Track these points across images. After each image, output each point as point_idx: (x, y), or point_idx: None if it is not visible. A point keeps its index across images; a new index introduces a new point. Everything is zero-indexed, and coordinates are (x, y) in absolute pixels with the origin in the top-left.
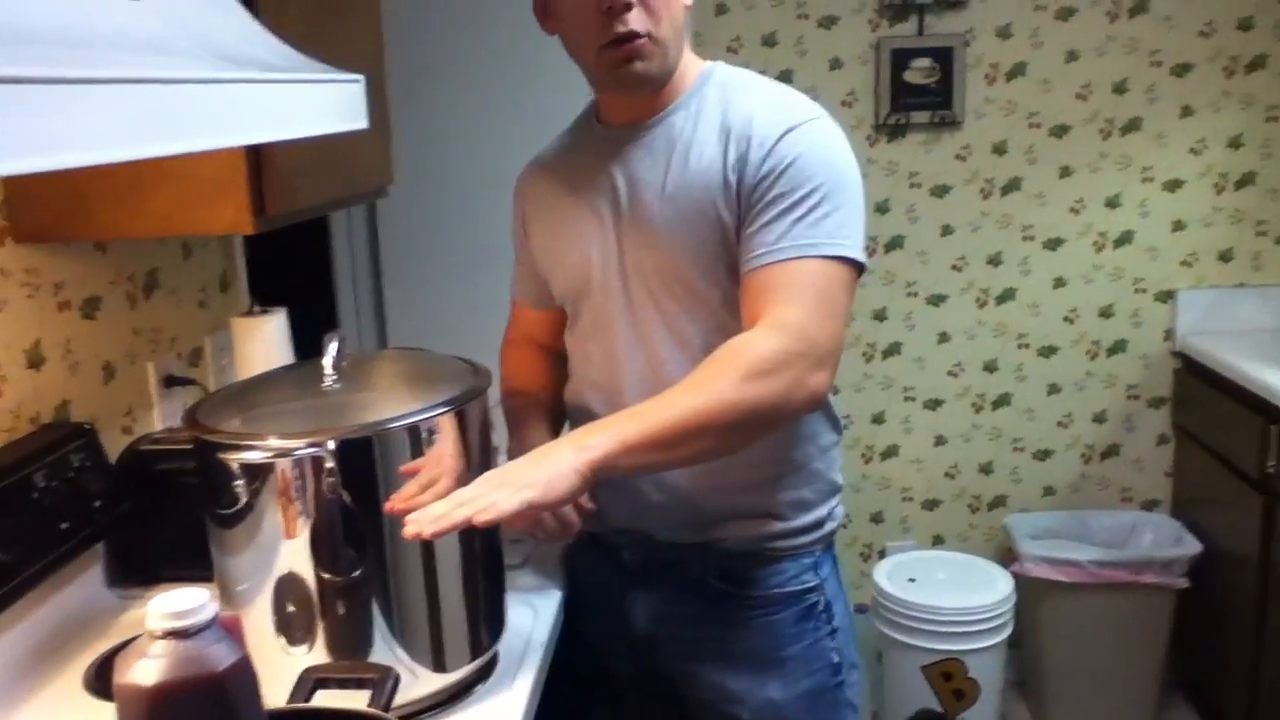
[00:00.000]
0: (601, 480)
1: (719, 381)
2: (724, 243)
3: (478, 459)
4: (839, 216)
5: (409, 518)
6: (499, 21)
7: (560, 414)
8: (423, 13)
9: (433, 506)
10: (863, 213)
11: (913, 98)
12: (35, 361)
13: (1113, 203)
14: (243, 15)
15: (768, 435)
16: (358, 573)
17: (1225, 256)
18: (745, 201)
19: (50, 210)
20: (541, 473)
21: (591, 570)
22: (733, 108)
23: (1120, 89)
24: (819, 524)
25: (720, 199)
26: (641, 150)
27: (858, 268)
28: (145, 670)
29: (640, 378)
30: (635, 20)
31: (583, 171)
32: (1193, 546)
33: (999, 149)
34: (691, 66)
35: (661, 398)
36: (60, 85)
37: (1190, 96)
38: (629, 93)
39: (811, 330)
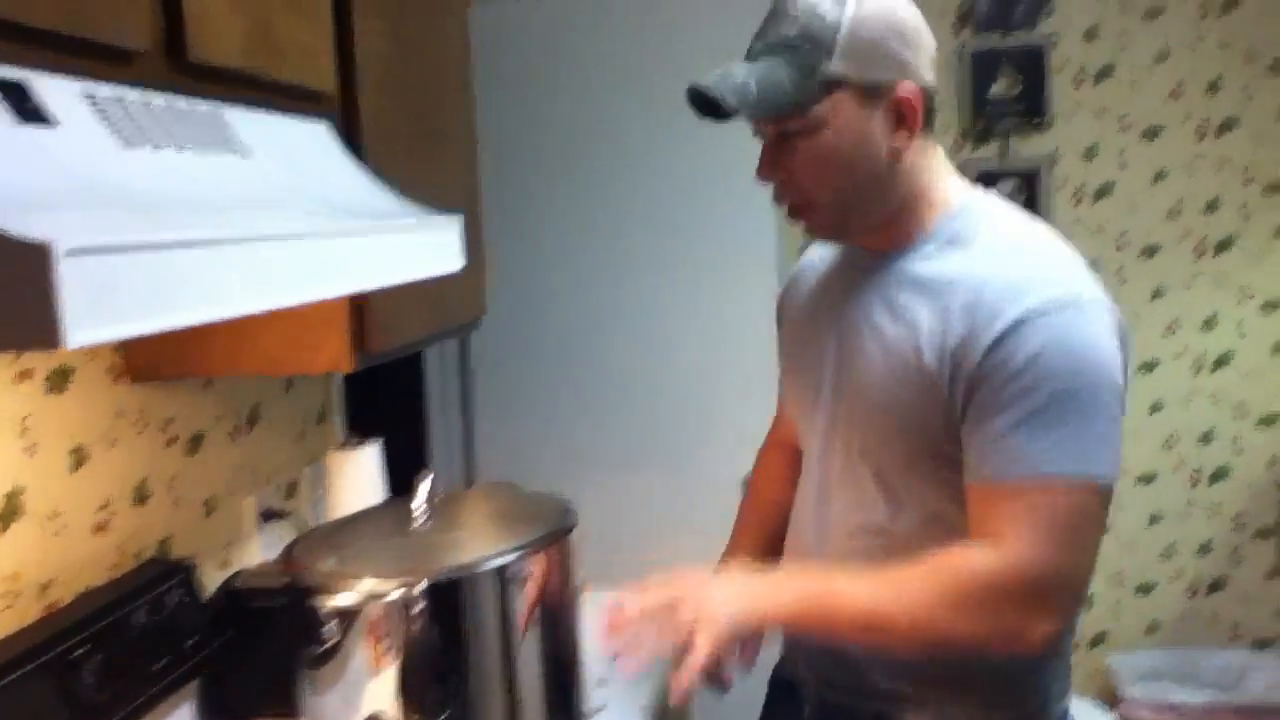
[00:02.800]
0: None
1: (919, 599)
2: (941, 420)
3: (562, 597)
4: (1089, 428)
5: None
6: (591, 156)
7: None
8: (518, 145)
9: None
10: (1120, 422)
11: None
12: (142, 498)
13: (1209, 324)
14: (348, 164)
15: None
16: (444, 714)
17: None
18: (970, 389)
19: (163, 352)
20: (726, 606)
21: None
22: (981, 260)
23: (1212, 207)
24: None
25: (941, 374)
26: (877, 287)
27: (1109, 489)
28: None
29: (825, 522)
30: (786, 196)
31: (828, 290)
32: None
33: None
34: (944, 195)
35: (860, 583)
36: (178, 249)
37: None
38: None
39: (1041, 568)
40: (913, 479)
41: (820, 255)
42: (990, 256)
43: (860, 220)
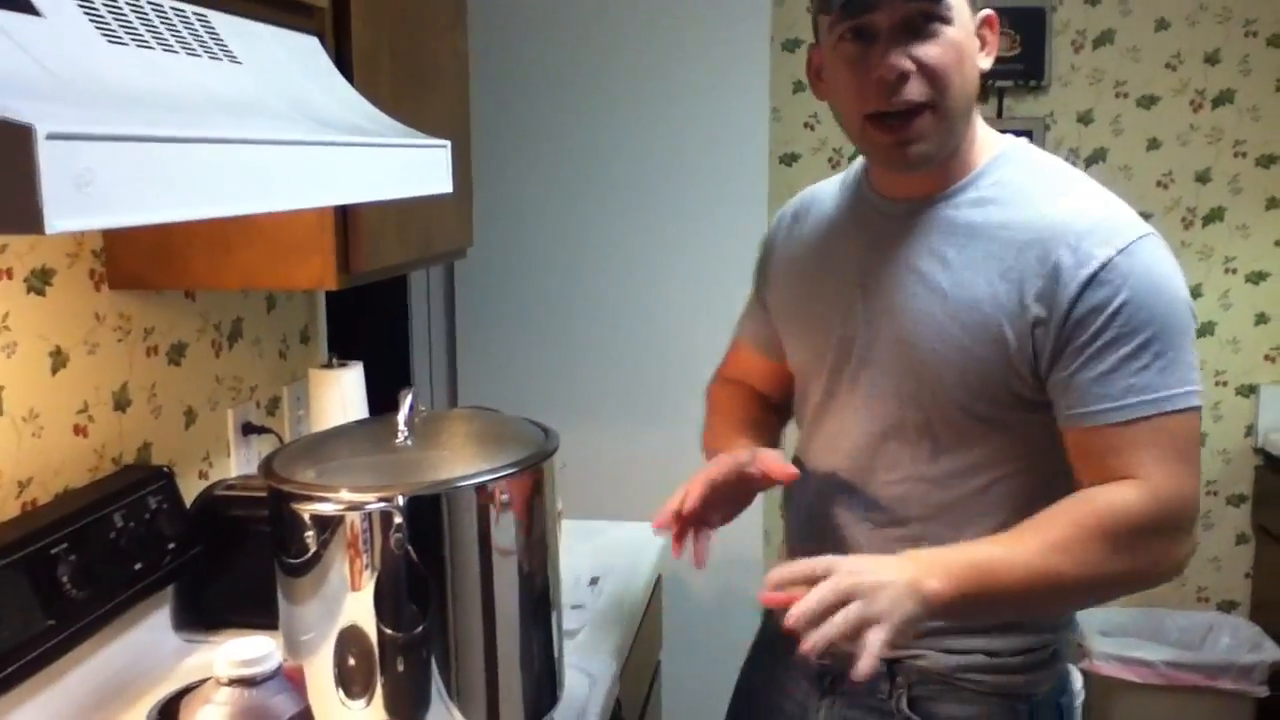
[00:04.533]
0: None
1: (1088, 551)
2: (1006, 365)
3: (542, 520)
4: (1184, 358)
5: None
6: (583, 92)
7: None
8: (509, 81)
9: (829, 621)
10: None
11: None
12: (121, 404)
13: (1194, 292)
14: (337, 80)
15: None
16: (418, 630)
17: None
18: (1060, 335)
19: (145, 259)
20: (899, 605)
21: (777, 666)
22: (1040, 206)
23: (1203, 179)
24: (1031, 651)
25: (1010, 319)
26: (916, 235)
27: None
28: (210, 716)
29: (854, 474)
30: (913, 90)
31: (843, 240)
32: (1273, 653)
33: None
34: (984, 140)
35: (1015, 550)
36: (163, 144)
37: (1275, 189)
38: (900, 174)
39: (1184, 497)
40: (966, 426)
41: (820, 200)
42: (1056, 193)
43: (954, 141)
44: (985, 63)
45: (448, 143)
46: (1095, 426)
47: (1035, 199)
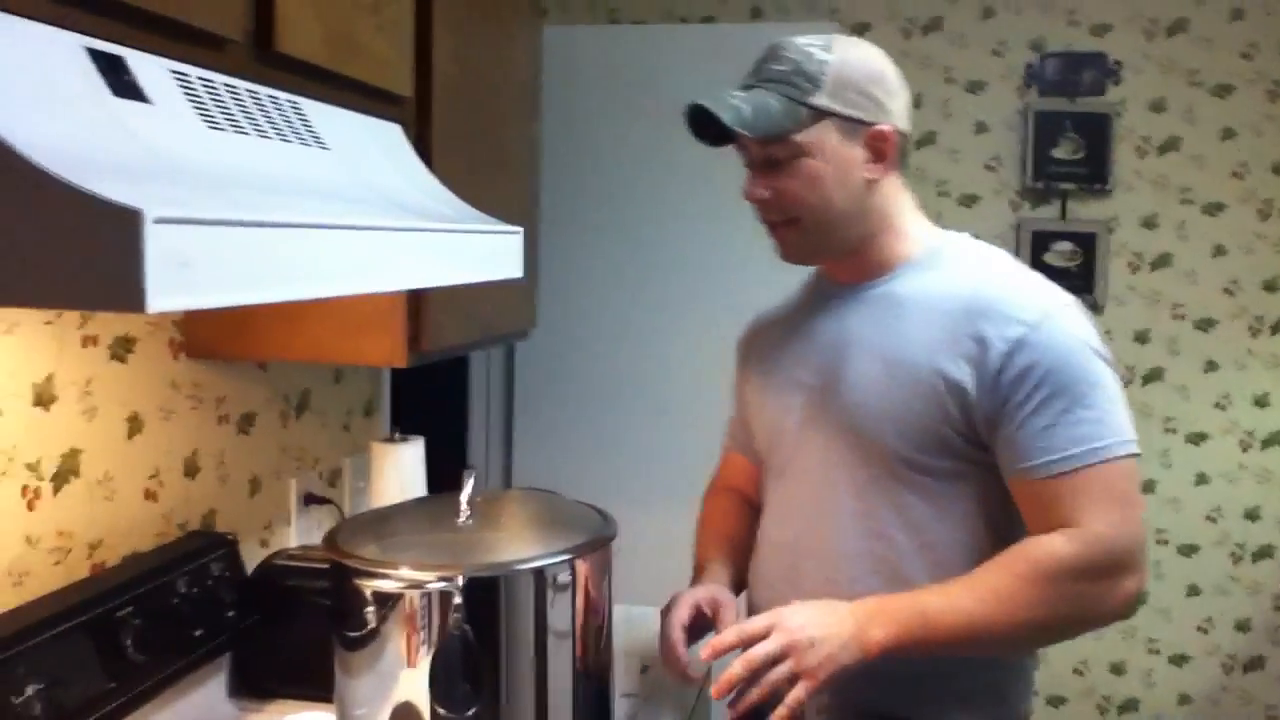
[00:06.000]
0: None
1: (1021, 598)
2: (944, 419)
3: (598, 605)
4: (1115, 409)
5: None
6: (648, 180)
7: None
8: (576, 168)
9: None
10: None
11: (1054, 280)
12: (191, 470)
13: (1261, 401)
14: (417, 166)
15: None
16: (472, 711)
17: None
18: (994, 396)
19: (221, 330)
20: (830, 661)
21: None
22: (975, 282)
23: (1270, 287)
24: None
25: (941, 375)
26: (861, 308)
27: (1137, 451)
28: None
29: (813, 538)
30: (771, 213)
31: (801, 325)
32: None
33: (1141, 338)
34: (920, 233)
35: (953, 597)
36: (257, 229)
37: None
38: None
39: (1121, 539)
40: (908, 478)
41: (780, 306)
42: (990, 272)
43: (835, 243)
44: (871, 173)
45: (520, 229)
46: (1040, 479)
47: (962, 275)
